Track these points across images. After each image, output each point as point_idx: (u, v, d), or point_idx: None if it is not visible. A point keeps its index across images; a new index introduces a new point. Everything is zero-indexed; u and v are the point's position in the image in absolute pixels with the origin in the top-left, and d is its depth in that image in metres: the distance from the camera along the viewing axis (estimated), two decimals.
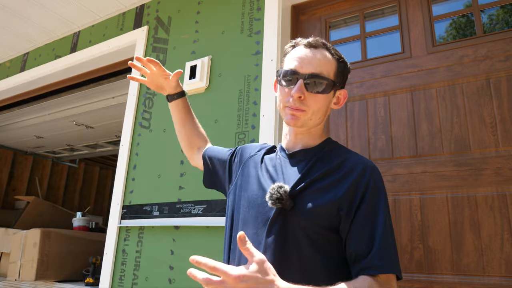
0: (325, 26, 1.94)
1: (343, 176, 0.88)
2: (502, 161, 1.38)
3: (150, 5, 2.51)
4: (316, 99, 0.92)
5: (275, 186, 0.86)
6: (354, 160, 0.91)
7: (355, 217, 0.84)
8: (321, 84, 0.92)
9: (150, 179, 2.08)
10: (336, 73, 0.96)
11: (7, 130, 4.53)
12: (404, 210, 1.50)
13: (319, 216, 0.84)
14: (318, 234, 0.84)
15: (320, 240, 0.84)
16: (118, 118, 3.93)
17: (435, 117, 1.54)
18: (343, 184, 0.86)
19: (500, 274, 1.30)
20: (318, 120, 0.96)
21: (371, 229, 0.82)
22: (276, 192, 0.85)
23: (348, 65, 1.01)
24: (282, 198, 0.85)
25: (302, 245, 0.84)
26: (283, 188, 0.86)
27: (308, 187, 0.88)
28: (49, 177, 5.58)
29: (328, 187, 0.87)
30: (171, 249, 1.87)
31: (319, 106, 0.93)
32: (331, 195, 0.85)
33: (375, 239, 0.81)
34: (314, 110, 0.93)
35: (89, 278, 2.62)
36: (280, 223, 0.86)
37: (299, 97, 0.91)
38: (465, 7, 1.65)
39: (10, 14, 2.77)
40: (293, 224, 0.86)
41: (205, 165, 1.20)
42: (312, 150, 0.96)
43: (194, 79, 2.02)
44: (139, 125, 2.25)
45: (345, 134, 1.71)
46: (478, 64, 1.51)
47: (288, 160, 0.97)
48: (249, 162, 1.05)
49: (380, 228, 0.82)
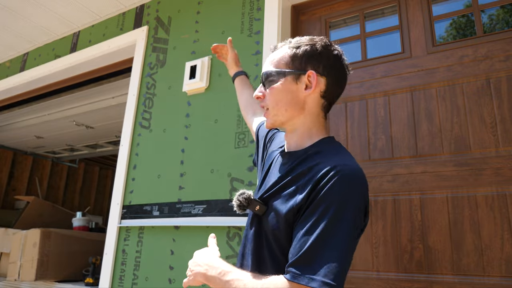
0: (325, 26, 1.94)
1: (308, 181, 0.82)
2: (502, 161, 1.38)
3: (150, 5, 2.51)
4: (270, 92, 0.94)
5: (237, 193, 0.90)
6: (326, 163, 0.82)
7: (299, 220, 0.80)
8: (272, 79, 0.95)
9: (150, 179, 2.08)
10: (289, 60, 0.94)
11: (7, 130, 4.53)
12: (404, 210, 1.50)
13: (281, 221, 0.84)
14: (283, 237, 0.84)
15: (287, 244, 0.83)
16: (118, 118, 3.93)
17: (435, 117, 1.54)
18: (305, 188, 0.81)
19: (500, 274, 1.30)
20: (286, 113, 0.93)
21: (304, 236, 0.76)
22: (236, 199, 0.89)
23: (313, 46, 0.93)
24: (243, 205, 0.88)
25: (273, 248, 0.86)
26: (243, 195, 0.88)
27: (279, 192, 0.88)
28: (49, 177, 5.58)
29: (293, 193, 0.84)
30: (171, 249, 1.87)
31: (275, 98, 0.93)
32: (292, 201, 0.83)
33: (302, 247, 0.75)
34: (272, 104, 0.94)
35: (89, 278, 2.63)
36: (256, 226, 0.91)
37: (258, 97, 0.98)
38: (465, 7, 1.65)
39: (10, 14, 2.77)
40: (265, 228, 0.89)
41: (256, 142, 1.26)
42: (298, 153, 0.93)
43: (194, 79, 2.02)
44: (139, 125, 2.25)
45: (345, 134, 1.71)
46: (478, 64, 1.51)
47: (280, 162, 0.98)
48: (269, 157, 1.08)
49: (312, 238, 0.75)
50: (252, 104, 1.37)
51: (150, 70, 2.32)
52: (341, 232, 0.75)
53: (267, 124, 0.98)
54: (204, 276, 0.87)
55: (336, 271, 0.72)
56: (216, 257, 0.90)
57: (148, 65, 2.34)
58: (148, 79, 2.31)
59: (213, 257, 0.90)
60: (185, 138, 2.02)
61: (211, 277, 0.85)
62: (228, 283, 0.81)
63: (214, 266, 0.86)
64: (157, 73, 2.28)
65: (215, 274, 0.84)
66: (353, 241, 0.79)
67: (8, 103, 3.55)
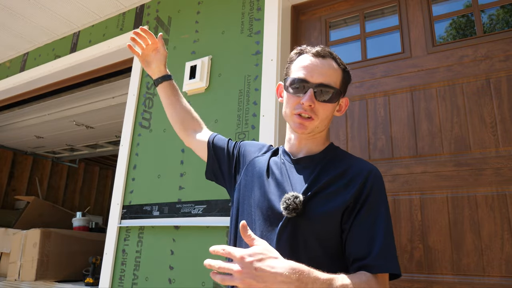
0: (325, 26, 1.94)
1: (349, 182, 0.92)
2: (502, 161, 1.38)
3: (150, 5, 2.51)
4: (324, 107, 0.97)
5: (290, 197, 0.89)
6: (358, 166, 0.95)
7: (356, 219, 0.88)
8: (328, 93, 0.96)
9: (150, 179, 2.08)
10: (342, 82, 1.00)
11: (7, 130, 4.53)
12: (404, 210, 1.50)
13: (328, 221, 0.88)
14: (327, 237, 0.88)
15: (329, 244, 0.89)
16: (118, 118, 3.93)
17: (435, 117, 1.54)
18: (349, 190, 0.90)
19: (500, 274, 1.30)
20: (323, 127, 1.00)
21: (372, 232, 0.86)
22: (292, 202, 0.88)
23: (350, 74, 1.05)
24: (297, 208, 0.88)
25: (312, 249, 0.88)
26: (299, 198, 0.88)
27: (317, 193, 0.91)
28: (49, 177, 5.58)
29: (336, 193, 0.90)
30: (171, 249, 1.87)
31: (327, 114, 0.98)
32: (339, 200, 0.89)
33: (375, 241, 0.85)
34: (322, 118, 0.97)
35: (89, 278, 2.63)
36: (291, 228, 0.90)
37: (310, 105, 0.94)
38: (465, 7, 1.65)
39: (10, 14, 2.77)
40: (303, 229, 0.89)
41: (210, 155, 1.17)
42: (317, 157, 1.00)
43: (194, 79, 2.02)
44: (139, 125, 2.25)
45: (345, 134, 1.71)
46: (478, 64, 1.51)
47: (293, 165, 1.00)
48: (254, 163, 1.06)
49: (381, 231, 0.86)
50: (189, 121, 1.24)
51: None
52: (391, 223, 0.90)
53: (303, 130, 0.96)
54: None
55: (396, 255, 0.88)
56: (297, 266, 0.75)
57: None
58: (148, 79, 2.31)
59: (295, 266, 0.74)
60: None
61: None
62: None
63: (309, 279, 0.74)
64: None
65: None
66: None
67: (8, 103, 3.55)
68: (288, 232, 0.89)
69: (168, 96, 1.24)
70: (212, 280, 1.67)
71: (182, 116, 1.24)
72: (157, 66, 1.23)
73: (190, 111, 1.26)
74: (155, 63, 1.23)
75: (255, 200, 0.98)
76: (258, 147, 1.13)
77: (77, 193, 5.93)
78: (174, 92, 1.25)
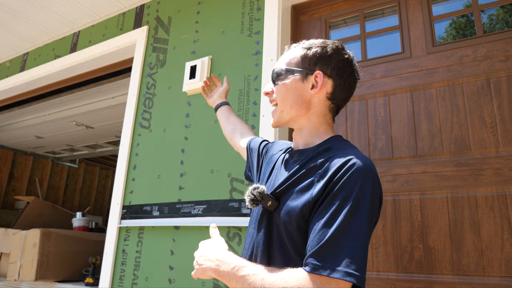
0: (325, 26, 1.94)
1: (322, 174, 0.83)
2: (502, 161, 1.38)
3: (150, 5, 2.51)
4: (277, 89, 0.97)
5: (250, 188, 0.89)
6: (339, 157, 0.84)
7: (315, 213, 0.80)
8: (281, 75, 0.96)
9: (150, 179, 2.08)
10: (299, 60, 0.95)
11: (7, 130, 4.53)
12: (404, 210, 1.50)
13: (296, 215, 0.83)
14: (297, 232, 0.84)
15: (299, 239, 0.84)
16: (118, 118, 3.94)
17: (435, 117, 1.54)
18: (320, 182, 0.82)
19: (500, 274, 1.30)
20: (292, 111, 0.95)
21: (322, 228, 0.76)
22: (250, 193, 0.88)
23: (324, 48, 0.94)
24: (256, 199, 0.87)
25: (286, 244, 0.85)
26: (258, 189, 0.87)
27: (291, 187, 0.88)
28: (49, 177, 5.59)
29: (307, 187, 0.84)
30: (171, 249, 1.87)
31: (282, 94, 0.95)
32: (308, 194, 0.83)
33: (322, 239, 0.75)
34: (279, 99, 0.96)
35: (89, 278, 2.63)
36: (266, 222, 0.90)
37: (266, 93, 0.99)
38: (465, 7, 1.65)
39: (10, 14, 2.77)
40: (276, 223, 0.88)
41: (247, 158, 1.26)
42: (308, 150, 0.94)
43: (194, 79, 2.02)
44: (139, 125, 2.25)
45: (345, 134, 1.71)
46: (478, 64, 1.51)
47: (289, 160, 0.99)
48: (269, 161, 1.08)
49: (332, 229, 0.75)
50: (239, 126, 1.37)
51: (150, 70, 2.32)
52: (359, 222, 0.76)
53: (273, 122, 0.99)
54: (216, 271, 0.84)
55: (357, 261, 0.72)
56: (226, 251, 0.86)
57: (148, 65, 2.34)
58: (148, 79, 2.31)
59: (223, 251, 0.87)
60: (185, 138, 2.02)
61: (223, 273, 0.82)
62: (243, 278, 0.78)
63: (226, 261, 0.83)
64: (157, 73, 2.28)
65: (228, 270, 0.81)
66: (370, 232, 0.79)
67: (8, 103, 3.55)
68: (264, 227, 0.90)
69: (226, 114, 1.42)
70: (212, 280, 1.67)
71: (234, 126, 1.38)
72: (218, 97, 1.48)
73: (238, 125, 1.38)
74: (217, 94, 1.49)
75: None
76: (280, 146, 1.13)
77: (77, 193, 5.94)
78: (230, 112, 1.43)
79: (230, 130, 1.38)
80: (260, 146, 1.21)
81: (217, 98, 1.49)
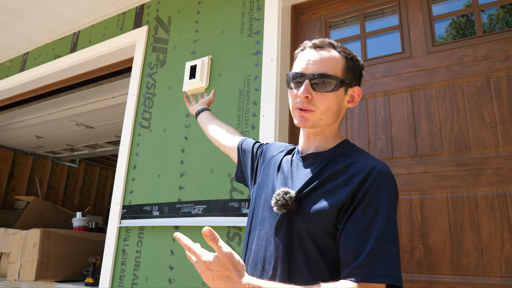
0: (325, 26, 1.94)
1: (348, 179, 0.85)
2: (502, 161, 1.38)
3: (150, 5, 2.51)
4: (323, 97, 0.92)
5: (280, 192, 0.87)
6: (362, 162, 0.88)
7: (349, 219, 0.82)
8: (328, 83, 0.92)
9: (150, 179, 2.08)
10: (345, 70, 0.95)
11: (7, 130, 4.53)
12: (404, 210, 1.50)
13: (322, 219, 0.84)
14: (322, 236, 0.84)
15: (324, 242, 0.84)
16: (118, 118, 3.93)
17: (435, 117, 1.54)
18: (348, 187, 0.84)
19: (500, 274, 1.30)
20: (329, 120, 0.95)
21: (364, 235, 0.79)
22: (281, 198, 0.86)
23: (361, 62, 0.99)
24: (287, 204, 0.86)
25: (307, 247, 0.85)
26: (289, 194, 0.86)
27: (314, 190, 0.88)
28: (49, 177, 5.58)
29: (333, 190, 0.86)
30: (171, 249, 1.87)
31: (328, 104, 0.93)
32: (335, 198, 0.84)
33: (366, 246, 0.77)
34: (322, 109, 0.92)
35: (89, 278, 2.63)
36: (286, 225, 0.88)
37: (306, 97, 0.92)
38: (465, 7, 1.65)
39: (10, 14, 2.77)
40: (298, 226, 0.87)
41: (238, 159, 1.24)
42: (324, 154, 0.96)
43: (194, 79, 2.02)
44: (139, 125, 2.25)
45: (345, 134, 1.71)
46: (478, 64, 1.51)
47: (301, 163, 0.98)
48: (270, 162, 1.07)
49: (374, 234, 0.78)
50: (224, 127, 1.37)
51: (150, 70, 2.32)
52: (394, 225, 0.81)
53: (304, 123, 0.94)
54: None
55: (399, 263, 0.79)
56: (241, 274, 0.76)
57: (148, 65, 2.34)
58: (148, 79, 2.31)
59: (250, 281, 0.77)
60: (185, 138, 2.02)
61: None
62: None
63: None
64: (157, 73, 2.28)
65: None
66: None
67: (8, 103, 3.55)
68: (284, 230, 0.88)
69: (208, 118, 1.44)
70: None
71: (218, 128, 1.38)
72: (201, 104, 1.54)
73: (223, 126, 1.38)
74: (200, 102, 1.55)
75: (265, 198, 0.98)
76: (278, 147, 1.13)
77: (77, 193, 5.94)
78: (212, 115, 1.46)
79: (215, 131, 1.37)
80: (254, 147, 1.19)
81: (199, 105, 1.54)
